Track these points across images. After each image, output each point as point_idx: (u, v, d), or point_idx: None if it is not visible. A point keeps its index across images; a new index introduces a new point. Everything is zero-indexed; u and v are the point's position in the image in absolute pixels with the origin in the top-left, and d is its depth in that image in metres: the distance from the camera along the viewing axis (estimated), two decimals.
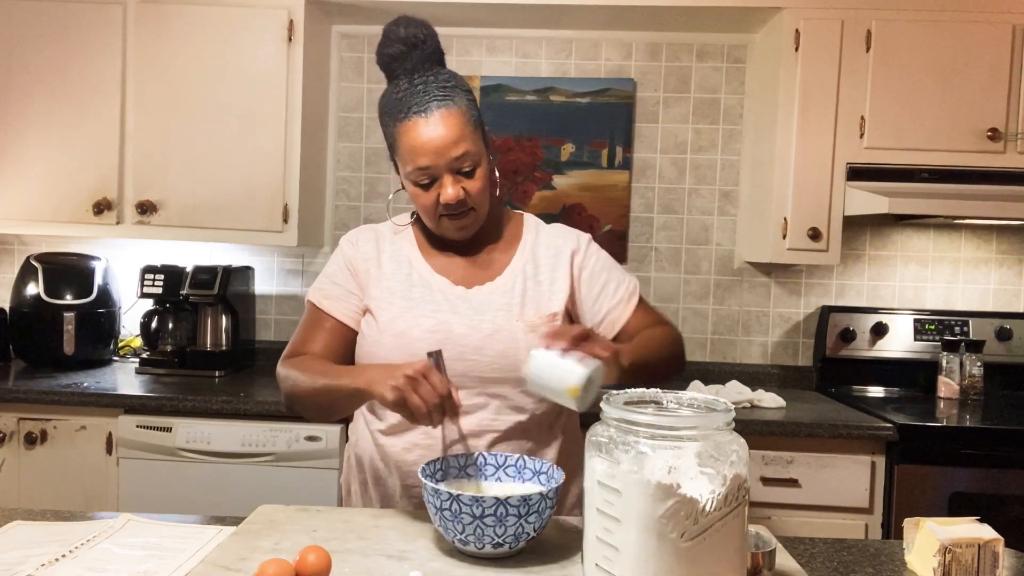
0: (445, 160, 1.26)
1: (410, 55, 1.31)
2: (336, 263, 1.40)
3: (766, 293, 2.87)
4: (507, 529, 1.02)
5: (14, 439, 2.29)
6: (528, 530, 1.04)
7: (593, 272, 1.40)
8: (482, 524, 1.02)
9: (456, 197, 1.27)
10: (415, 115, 1.26)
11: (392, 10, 2.64)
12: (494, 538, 1.03)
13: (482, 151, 1.31)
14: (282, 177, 2.55)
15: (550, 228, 1.45)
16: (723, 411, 0.91)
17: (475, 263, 1.38)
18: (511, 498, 1.01)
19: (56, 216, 2.56)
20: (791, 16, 2.46)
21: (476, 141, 1.29)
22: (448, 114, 1.26)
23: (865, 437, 2.21)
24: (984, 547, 1.05)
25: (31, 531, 1.16)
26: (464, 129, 1.27)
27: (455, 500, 1.02)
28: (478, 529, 1.02)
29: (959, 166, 2.42)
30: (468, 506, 1.01)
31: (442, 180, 1.27)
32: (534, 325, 1.31)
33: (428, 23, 1.34)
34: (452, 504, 1.02)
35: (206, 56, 2.53)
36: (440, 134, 1.25)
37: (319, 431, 2.23)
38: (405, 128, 1.27)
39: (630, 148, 2.84)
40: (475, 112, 1.31)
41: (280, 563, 0.94)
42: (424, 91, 1.27)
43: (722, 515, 0.85)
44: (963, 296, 2.84)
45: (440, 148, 1.25)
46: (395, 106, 1.29)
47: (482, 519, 1.02)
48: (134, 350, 2.83)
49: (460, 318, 1.30)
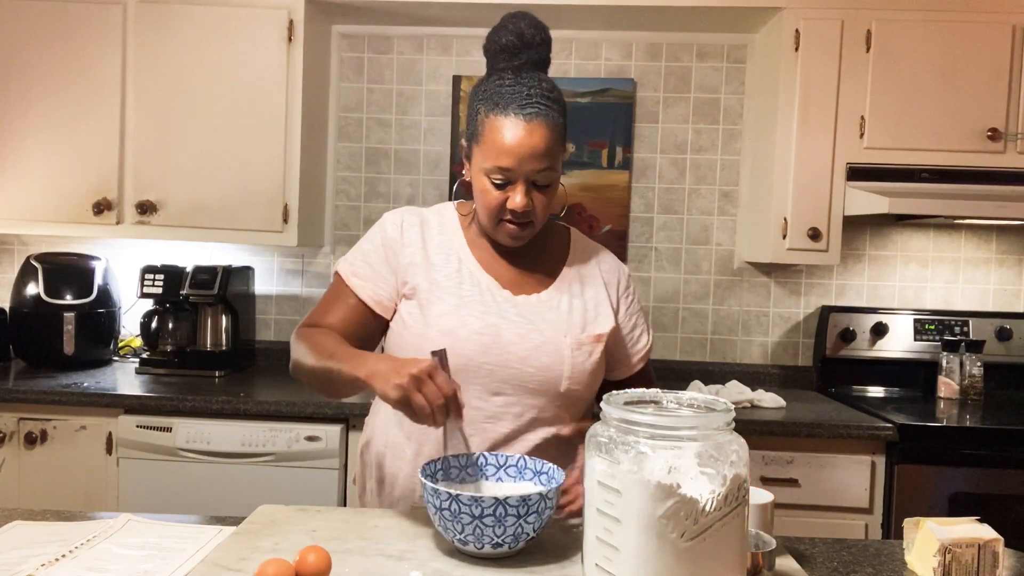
0: (528, 169, 1.25)
1: (521, 52, 1.30)
2: (374, 242, 1.37)
3: (766, 293, 2.87)
4: (506, 529, 1.02)
5: (14, 439, 2.29)
6: (527, 530, 1.04)
7: (630, 311, 1.44)
8: (481, 524, 1.02)
9: (524, 207, 1.26)
10: (514, 115, 1.24)
11: (392, 10, 2.64)
12: (493, 538, 1.03)
13: (560, 170, 1.31)
14: (282, 177, 2.55)
15: (593, 249, 1.46)
16: (723, 411, 0.91)
17: (521, 270, 1.37)
18: (510, 498, 1.01)
19: (56, 216, 2.56)
20: (791, 16, 2.46)
21: (559, 160, 1.29)
22: (545, 126, 1.25)
23: (865, 437, 2.21)
24: (984, 547, 1.05)
25: (31, 531, 1.16)
26: (554, 146, 1.26)
27: (454, 500, 1.02)
28: (477, 529, 1.02)
29: (959, 166, 2.42)
30: (467, 506, 1.01)
31: (516, 186, 1.26)
32: (580, 343, 1.32)
33: (547, 28, 1.33)
34: (451, 504, 1.02)
35: (206, 56, 2.53)
36: (532, 143, 1.24)
37: (319, 431, 2.23)
38: (499, 123, 1.25)
39: (630, 148, 2.84)
40: (565, 129, 1.31)
41: (280, 563, 0.94)
42: (529, 94, 1.25)
43: (722, 515, 0.85)
44: (963, 296, 2.84)
45: (528, 156, 1.24)
46: (496, 97, 1.26)
47: (481, 519, 1.01)
48: (134, 350, 2.83)
49: (509, 324, 1.30)
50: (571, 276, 1.39)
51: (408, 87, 2.88)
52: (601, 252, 1.46)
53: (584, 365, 1.32)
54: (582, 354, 1.31)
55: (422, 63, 2.87)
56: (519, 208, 1.26)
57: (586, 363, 1.32)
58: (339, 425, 2.25)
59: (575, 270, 1.40)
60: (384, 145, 2.90)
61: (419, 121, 2.88)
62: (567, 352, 1.30)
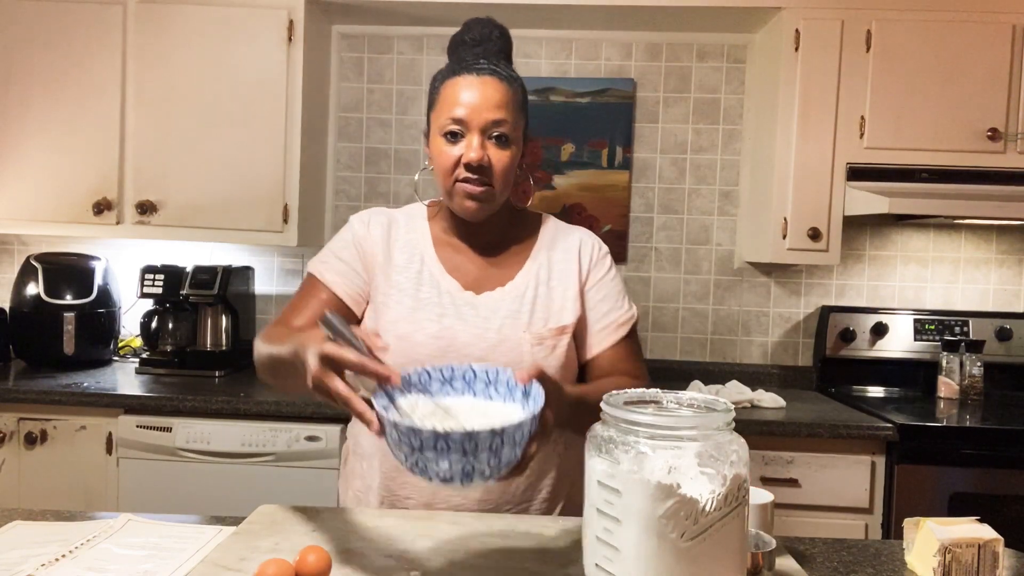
0: (481, 118, 1.23)
1: (480, 45, 1.31)
2: (343, 240, 1.36)
3: (766, 293, 2.87)
4: (500, 459, 0.90)
5: (14, 439, 2.29)
6: (518, 455, 0.92)
7: (600, 284, 1.36)
8: (474, 459, 0.88)
9: (479, 159, 1.22)
10: (467, 73, 1.25)
11: (392, 10, 2.64)
12: (485, 471, 0.90)
13: (519, 138, 1.28)
14: (282, 177, 2.55)
15: (569, 231, 1.40)
16: (723, 411, 0.91)
17: (488, 264, 1.34)
18: (507, 428, 0.88)
19: (56, 216, 2.56)
20: (791, 16, 2.46)
21: (517, 122, 1.27)
22: (498, 84, 1.25)
23: (865, 437, 2.21)
24: (984, 547, 1.05)
25: (31, 531, 1.16)
26: (509, 102, 1.25)
27: (441, 439, 0.87)
28: (467, 466, 0.89)
29: (959, 166, 2.42)
30: (458, 443, 0.87)
31: (470, 137, 1.24)
32: (541, 337, 1.28)
33: (506, 28, 1.36)
34: (437, 442, 0.87)
35: (206, 56, 2.53)
36: (485, 92, 1.23)
37: (319, 431, 2.23)
38: (452, 83, 1.25)
39: (630, 148, 2.84)
40: (523, 103, 1.29)
41: (280, 563, 0.94)
42: (484, 64, 1.26)
43: (722, 515, 0.85)
44: (963, 296, 2.84)
45: (480, 105, 1.23)
46: (448, 69, 1.28)
47: (475, 454, 0.88)
48: (134, 350, 2.83)
49: (466, 325, 1.27)
50: (538, 265, 1.34)
51: (408, 87, 2.88)
52: (573, 233, 1.39)
53: (548, 360, 1.27)
54: (544, 349, 1.27)
55: (422, 63, 2.87)
56: (474, 160, 1.22)
57: (549, 358, 1.27)
58: (339, 425, 2.24)
59: (543, 256, 1.35)
60: (384, 145, 2.90)
61: (419, 121, 2.88)
62: (526, 348, 1.26)
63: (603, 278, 1.37)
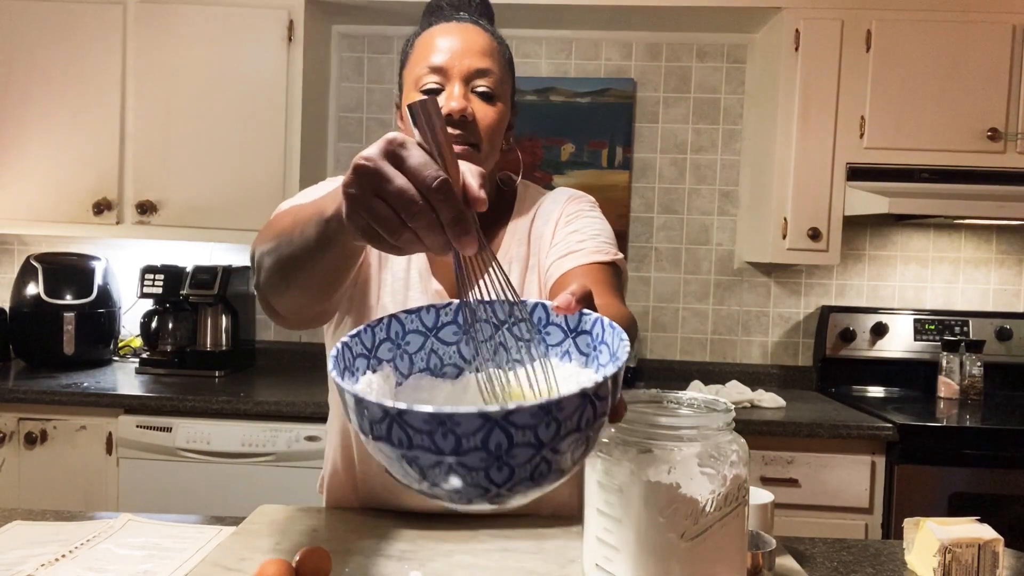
0: (463, 64, 1.06)
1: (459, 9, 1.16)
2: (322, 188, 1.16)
3: (766, 293, 2.87)
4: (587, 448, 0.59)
5: (14, 439, 2.29)
6: (590, 446, 0.59)
7: (568, 221, 1.16)
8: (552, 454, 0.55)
9: (462, 109, 1.05)
10: (444, 21, 1.10)
11: (392, 10, 2.64)
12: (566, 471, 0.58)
13: (507, 97, 1.12)
14: (282, 177, 2.55)
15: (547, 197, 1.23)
16: (723, 411, 0.91)
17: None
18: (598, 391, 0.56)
19: (56, 216, 2.56)
20: (791, 16, 2.46)
21: (503, 79, 1.11)
22: (480, 32, 1.09)
23: (865, 437, 2.21)
24: (984, 547, 1.05)
25: (31, 531, 1.16)
26: (494, 52, 1.09)
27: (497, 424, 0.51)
28: (543, 465, 0.55)
29: (959, 166, 2.42)
30: (530, 428, 0.52)
31: (451, 87, 1.06)
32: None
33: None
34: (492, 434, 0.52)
35: (206, 56, 2.53)
36: (466, 37, 1.08)
37: (319, 431, 2.23)
38: (427, 34, 1.10)
39: (630, 148, 2.84)
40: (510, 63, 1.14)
41: (280, 563, 0.94)
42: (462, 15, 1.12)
43: (722, 515, 0.85)
44: (963, 296, 2.83)
45: (461, 51, 1.06)
46: (421, 26, 1.13)
47: (555, 443, 0.55)
48: (134, 350, 2.83)
49: None
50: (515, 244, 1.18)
51: None
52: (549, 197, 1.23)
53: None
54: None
55: None
56: (455, 109, 1.04)
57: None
58: None
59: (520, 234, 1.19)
60: None
61: None
62: None
63: (577, 217, 1.16)
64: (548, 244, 1.14)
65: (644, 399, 0.99)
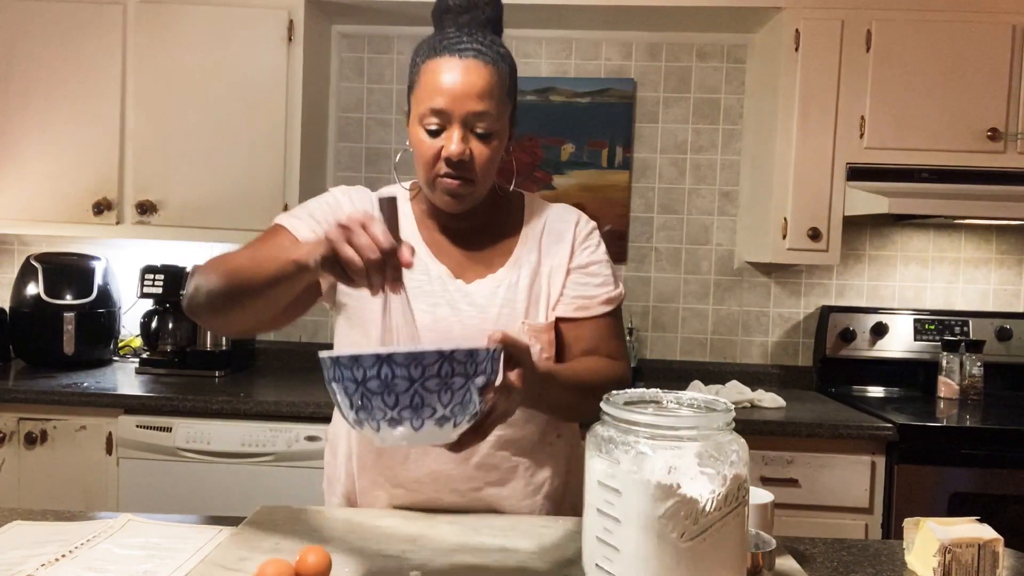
0: (462, 109, 1.14)
1: (466, 12, 1.22)
2: (322, 204, 1.27)
3: (766, 293, 2.87)
4: (453, 395, 0.83)
5: (14, 439, 2.29)
6: (475, 399, 0.86)
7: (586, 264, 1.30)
8: (423, 390, 0.81)
9: (460, 153, 1.15)
10: (449, 55, 1.15)
11: (392, 10, 2.64)
12: (439, 409, 0.83)
13: (504, 127, 1.20)
14: (282, 177, 2.55)
15: (553, 211, 1.34)
16: (723, 411, 0.91)
17: (472, 251, 1.28)
18: (456, 352, 0.82)
19: (56, 216, 2.56)
20: (791, 16, 2.46)
21: (501, 111, 1.18)
22: (482, 68, 1.15)
23: (865, 437, 2.21)
24: (984, 547, 1.05)
25: (31, 531, 1.16)
26: (493, 90, 1.16)
27: (385, 362, 0.80)
28: (416, 397, 0.81)
29: (959, 166, 2.42)
30: (403, 367, 0.80)
31: (451, 130, 1.16)
32: (538, 330, 1.25)
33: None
34: (381, 369, 0.80)
35: (206, 56, 2.53)
36: (467, 80, 1.14)
37: (319, 431, 2.23)
38: (433, 65, 1.16)
39: (630, 148, 2.84)
40: (511, 86, 1.21)
41: (280, 563, 0.94)
42: (468, 41, 1.16)
43: (722, 515, 0.85)
44: (963, 296, 2.83)
45: (461, 95, 1.14)
46: (430, 46, 1.18)
47: (423, 382, 0.81)
48: (134, 350, 2.83)
49: (460, 316, 1.23)
50: (528, 248, 1.29)
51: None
52: (559, 211, 1.34)
53: (542, 354, 1.24)
54: (540, 342, 1.24)
55: None
56: (454, 155, 1.15)
57: (545, 350, 1.25)
58: None
59: (532, 240, 1.29)
60: (384, 145, 2.90)
61: None
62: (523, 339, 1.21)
63: (590, 256, 1.31)
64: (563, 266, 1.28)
65: (644, 399, 0.99)
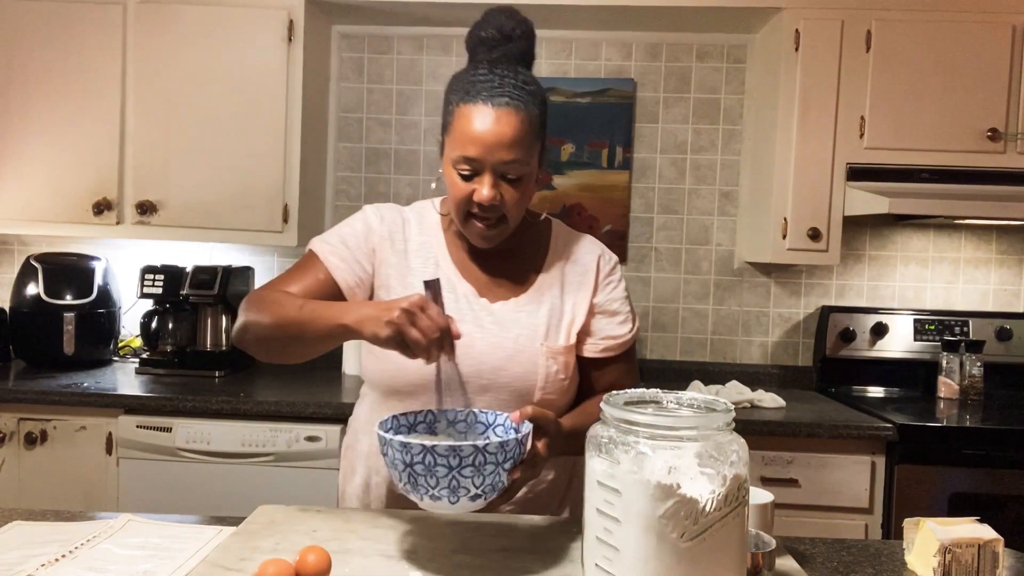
0: (493, 158, 1.20)
1: (499, 45, 1.27)
2: (355, 229, 1.33)
3: (766, 293, 2.87)
4: (485, 478, 0.99)
5: (14, 439, 2.29)
6: (503, 478, 1.01)
7: (608, 300, 1.36)
8: (459, 475, 0.97)
9: (491, 199, 1.21)
10: (482, 103, 1.20)
11: (392, 10, 2.64)
12: (471, 489, 0.99)
13: (533, 166, 1.26)
14: (282, 177, 2.55)
15: (578, 241, 1.39)
16: (723, 411, 0.91)
17: (499, 272, 1.33)
18: (489, 445, 0.98)
19: (56, 216, 2.56)
20: (791, 16, 2.46)
21: (531, 154, 1.24)
22: (514, 115, 1.20)
23: (865, 437, 2.21)
24: (984, 547, 1.05)
25: (31, 531, 1.16)
26: (524, 137, 1.21)
27: (429, 452, 0.97)
28: (453, 481, 0.98)
29: (959, 166, 2.42)
30: (444, 457, 0.96)
31: (483, 177, 1.21)
32: (556, 352, 1.28)
33: (530, 22, 1.30)
34: (425, 457, 0.97)
35: (206, 56, 2.53)
36: (499, 131, 1.19)
37: (319, 431, 2.23)
38: (467, 111, 1.21)
39: (630, 148, 2.84)
40: (541, 124, 1.26)
41: (280, 563, 0.94)
42: (500, 84, 1.21)
43: (722, 515, 0.85)
44: (963, 296, 2.84)
45: (493, 145, 1.19)
46: (466, 87, 1.23)
47: (459, 470, 0.97)
48: (134, 350, 2.83)
49: (483, 333, 1.27)
50: (551, 277, 1.34)
51: (408, 87, 2.88)
52: (584, 244, 1.39)
53: (559, 375, 1.29)
54: (557, 363, 1.29)
55: (422, 63, 2.87)
56: (485, 200, 1.21)
57: (561, 372, 1.29)
58: (339, 425, 2.24)
59: (556, 269, 1.35)
60: (384, 145, 2.90)
61: (419, 121, 2.88)
62: (542, 361, 1.27)
63: (613, 292, 1.37)
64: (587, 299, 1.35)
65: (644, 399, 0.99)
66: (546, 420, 1.10)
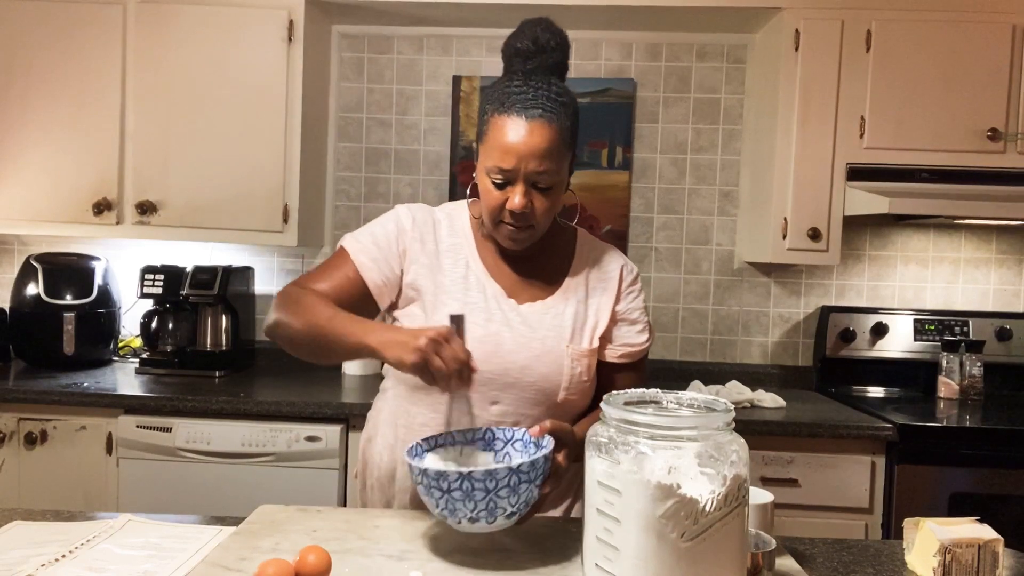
0: (527, 169, 1.23)
1: (534, 56, 1.33)
2: (387, 228, 1.36)
3: (766, 293, 2.87)
4: (519, 496, 1.03)
5: (14, 439, 2.29)
6: (536, 494, 1.05)
7: (629, 310, 1.40)
8: (496, 497, 1.01)
9: (522, 208, 1.25)
10: (516, 114, 1.24)
11: (392, 10, 2.64)
12: (508, 508, 1.03)
13: (564, 175, 1.29)
14: (282, 177, 2.55)
15: (602, 250, 1.44)
16: (723, 411, 0.91)
17: (526, 274, 1.37)
18: (522, 465, 1.01)
19: (56, 216, 2.56)
20: (791, 16, 2.46)
21: (562, 164, 1.27)
22: (547, 127, 1.24)
23: (865, 437, 2.21)
24: (984, 547, 1.05)
25: (31, 531, 1.16)
26: (556, 148, 1.25)
27: (466, 479, 1.00)
28: (491, 503, 1.01)
29: (959, 166, 2.42)
30: (481, 482, 1.00)
31: (515, 186, 1.25)
32: (580, 354, 1.32)
33: (565, 34, 1.38)
34: (463, 483, 1.00)
35: (206, 56, 2.53)
36: (532, 142, 1.23)
37: (319, 431, 2.23)
38: (501, 122, 1.25)
39: (630, 148, 2.84)
40: (572, 135, 1.30)
41: (280, 563, 0.94)
42: (534, 96, 1.26)
43: (722, 515, 0.85)
44: (963, 296, 2.84)
45: (526, 155, 1.23)
46: (501, 98, 1.27)
47: (496, 492, 1.01)
48: (134, 350, 2.83)
49: (512, 333, 1.30)
50: (577, 282, 1.38)
51: (408, 87, 2.88)
52: (608, 253, 1.44)
53: (582, 376, 1.32)
54: (581, 364, 1.32)
55: (422, 63, 2.87)
56: (517, 208, 1.25)
57: (584, 374, 1.33)
58: (339, 425, 2.25)
59: (581, 275, 1.39)
60: (384, 145, 2.90)
61: (419, 121, 2.88)
62: (567, 362, 1.30)
63: (634, 302, 1.41)
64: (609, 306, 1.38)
65: (644, 399, 0.99)
66: (564, 432, 1.15)
